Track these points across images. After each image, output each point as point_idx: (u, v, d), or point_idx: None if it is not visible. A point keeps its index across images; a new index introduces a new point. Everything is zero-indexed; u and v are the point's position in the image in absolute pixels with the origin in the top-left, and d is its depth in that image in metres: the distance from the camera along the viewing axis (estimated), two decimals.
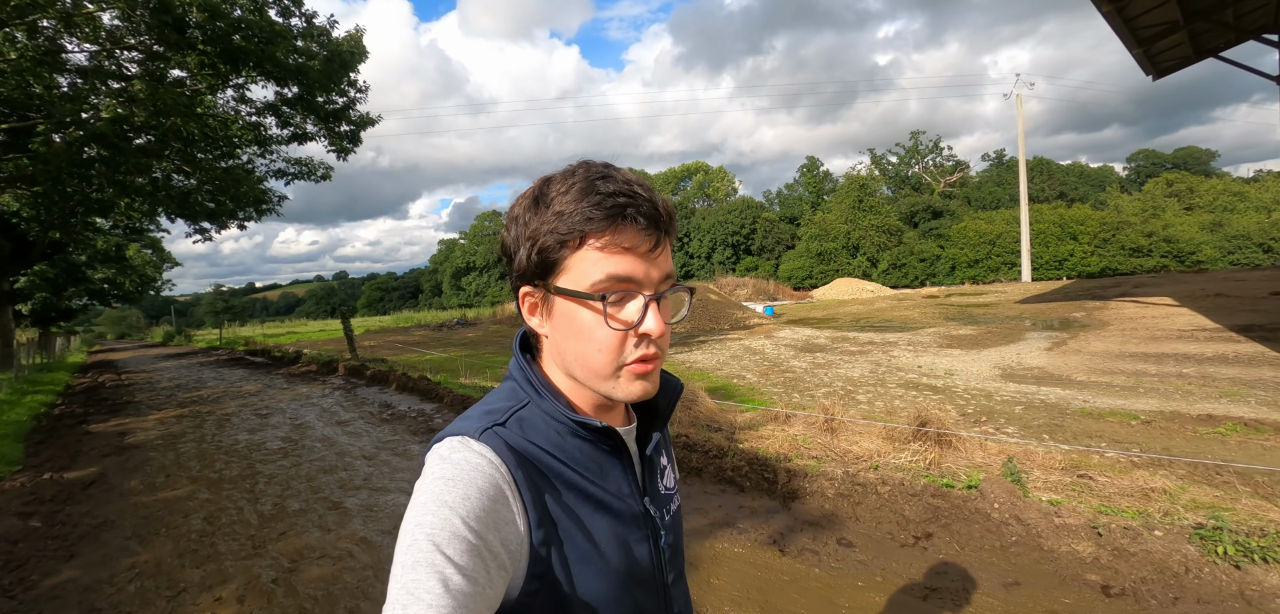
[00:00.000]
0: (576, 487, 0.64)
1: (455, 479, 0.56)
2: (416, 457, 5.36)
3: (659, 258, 0.63)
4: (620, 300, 0.62)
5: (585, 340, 0.63)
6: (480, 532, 0.54)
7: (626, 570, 0.66)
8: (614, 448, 0.68)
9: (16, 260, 16.60)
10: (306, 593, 3.04)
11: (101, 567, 3.50)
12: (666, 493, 0.77)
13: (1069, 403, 6.61)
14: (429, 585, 0.50)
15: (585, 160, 0.66)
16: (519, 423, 0.64)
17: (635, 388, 0.64)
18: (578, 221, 0.60)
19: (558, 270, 0.62)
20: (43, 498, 4.74)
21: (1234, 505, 3.47)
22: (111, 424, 7.99)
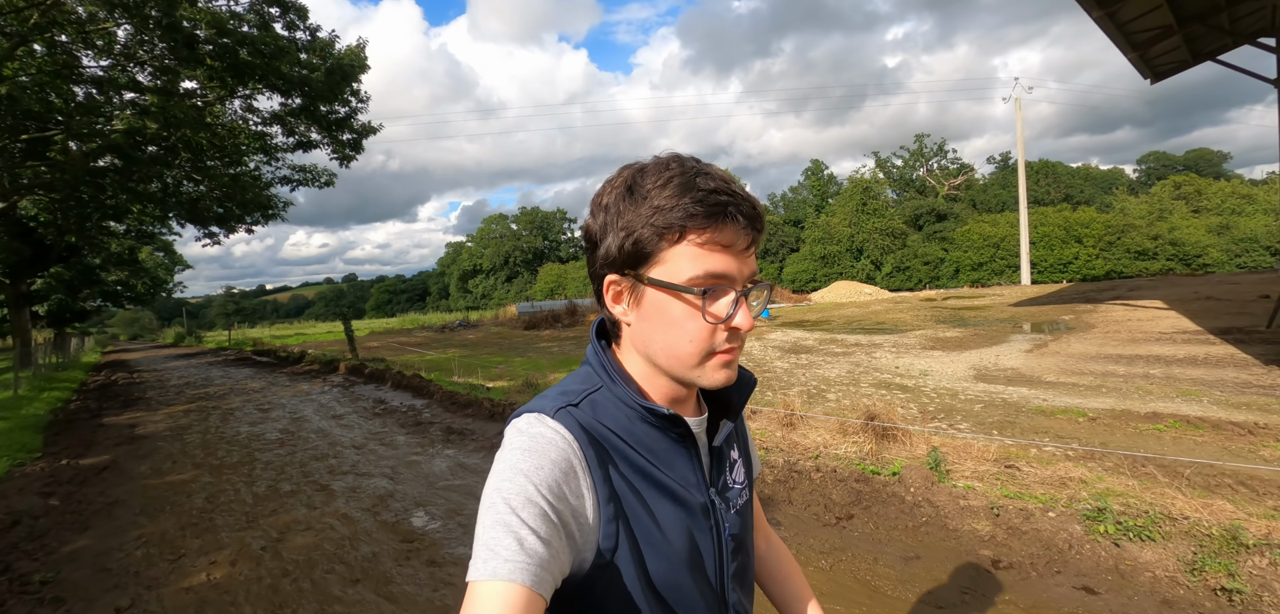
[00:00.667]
0: (643, 471, 0.66)
1: (530, 450, 0.59)
2: (402, 447, 5.80)
3: (750, 256, 0.65)
4: (714, 295, 0.64)
5: (676, 331, 0.65)
6: (552, 501, 0.57)
7: (688, 558, 0.68)
8: (682, 437, 0.70)
9: (34, 263, 17.32)
10: (290, 558, 3.47)
11: (112, 537, 3.95)
12: (735, 487, 0.79)
13: (1028, 401, 6.93)
14: (507, 543, 0.53)
15: (677, 155, 0.67)
16: (592, 405, 0.66)
17: (720, 376, 0.67)
18: (679, 217, 0.61)
19: (652, 261, 0.64)
20: (61, 480, 5.22)
21: (1143, 493, 3.81)
22: (123, 417, 8.52)
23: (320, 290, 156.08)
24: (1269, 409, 5.97)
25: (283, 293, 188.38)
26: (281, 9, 11.62)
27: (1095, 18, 12.00)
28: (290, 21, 11.85)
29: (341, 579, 3.18)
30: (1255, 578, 2.78)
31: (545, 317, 21.46)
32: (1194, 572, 2.87)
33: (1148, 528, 3.16)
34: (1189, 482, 4.21)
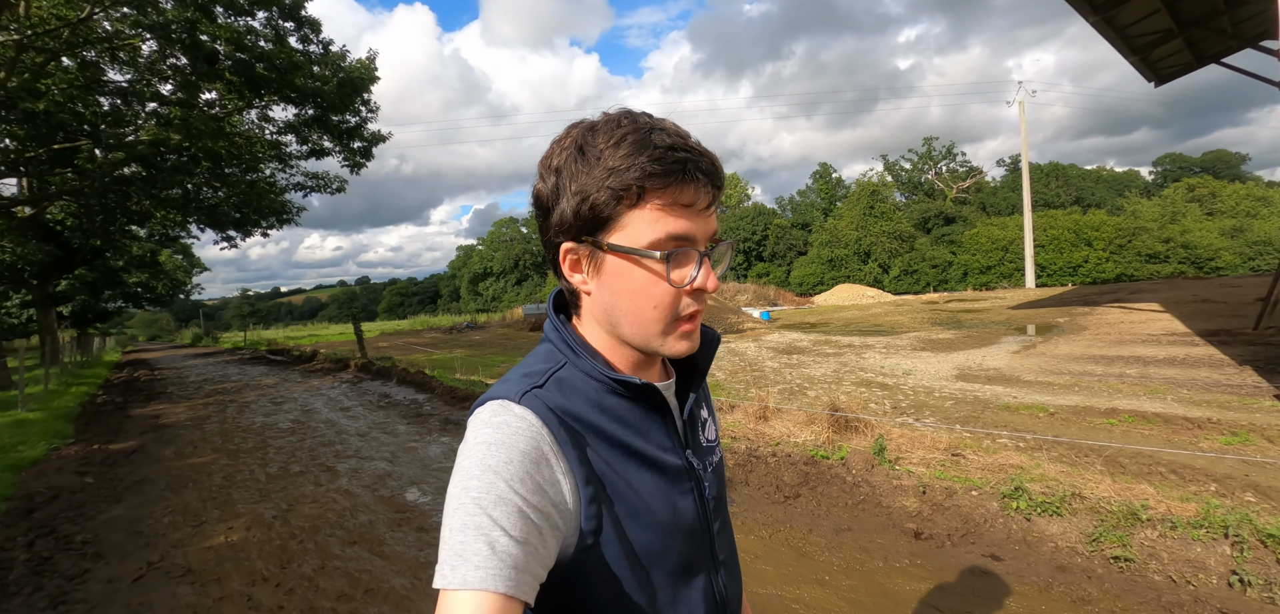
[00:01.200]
0: (619, 443, 0.64)
1: (497, 443, 0.56)
2: (402, 435, 6.30)
3: (711, 214, 0.63)
4: (678, 259, 0.61)
5: (640, 298, 0.62)
6: (525, 494, 0.54)
7: (673, 522, 0.66)
8: (654, 405, 0.68)
9: (60, 265, 18.15)
10: (296, 525, 3.95)
11: (142, 508, 4.47)
12: (708, 445, 0.78)
13: (998, 398, 7.26)
14: (476, 547, 0.50)
15: (629, 110, 0.64)
16: (558, 384, 0.63)
17: (681, 345, 0.65)
18: (636, 176, 0.58)
19: (610, 226, 0.61)
20: (94, 462, 5.78)
21: (1068, 476, 4.19)
22: (147, 409, 9.12)
23: (333, 293, 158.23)
24: (1225, 406, 6.27)
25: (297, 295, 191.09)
26: (296, 23, 12.25)
27: (1092, 22, 12.18)
28: (304, 35, 12.48)
29: (341, 541, 3.65)
30: (1145, 548, 3.14)
31: None
32: (1092, 543, 3.24)
33: (1058, 506, 3.53)
34: (1124, 469, 4.56)
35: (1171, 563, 3.01)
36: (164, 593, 3.13)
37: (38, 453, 6.06)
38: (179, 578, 3.30)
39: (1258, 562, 2.87)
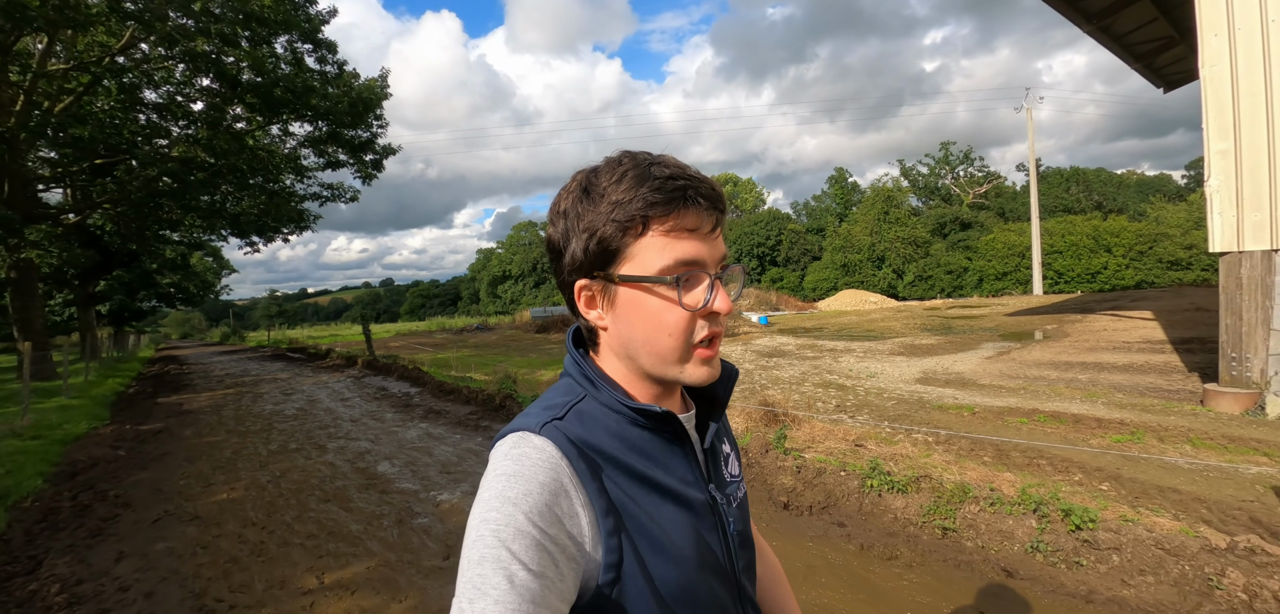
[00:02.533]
0: (641, 476, 0.64)
1: (517, 476, 0.56)
2: (388, 421, 7.20)
3: (717, 238, 0.65)
4: (689, 283, 0.63)
5: (654, 325, 0.63)
6: (544, 526, 0.54)
7: (698, 558, 0.65)
8: (675, 435, 0.68)
9: (100, 268, 19.75)
10: (285, 487, 4.85)
11: (163, 473, 5.43)
12: (732, 480, 0.78)
13: (940, 399, 7.86)
14: (495, 581, 0.51)
15: (628, 151, 0.66)
16: (578, 417, 0.64)
17: (702, 371, 0.65)
18: (639, 207, 0.61)
19: (620, 259, 0.63)
20: (126, 439, 6.81)
21: (953, 464, 4.85)
22: (174, 398, 10.25)
23: (358, 294, 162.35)
24: (1146, 409, 6.80)
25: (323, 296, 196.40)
26: (314, 45, 13.44)
27: (1088, 31, 12.57)
28: (321, 55, 13.67)
29: (318, 498, 4.53)
30: (966, 520, 3.81)
31: (556, 321, 22.97)
32: (926, 515, 3.91)
33: (906, 485, 4.21)
34: (1007, 460, 5.20)
35: (985, 533, 3.67)
36: (176, 531, 4.04)
37: (80, 430, 7.13)
38: (188, 521, 4.21)
39: (1053, 533, 3.51)
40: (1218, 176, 6.64)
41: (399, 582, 3.21)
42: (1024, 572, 3.21)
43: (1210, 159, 6.71)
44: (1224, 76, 6.56)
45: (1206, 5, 6.67)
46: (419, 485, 4.76)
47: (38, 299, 13.24)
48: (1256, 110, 6.35)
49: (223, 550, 3.69)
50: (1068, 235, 35.05)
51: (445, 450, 5.75)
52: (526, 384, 8.65)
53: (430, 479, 4.91)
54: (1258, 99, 6.33)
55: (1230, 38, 6.49)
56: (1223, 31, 6.54)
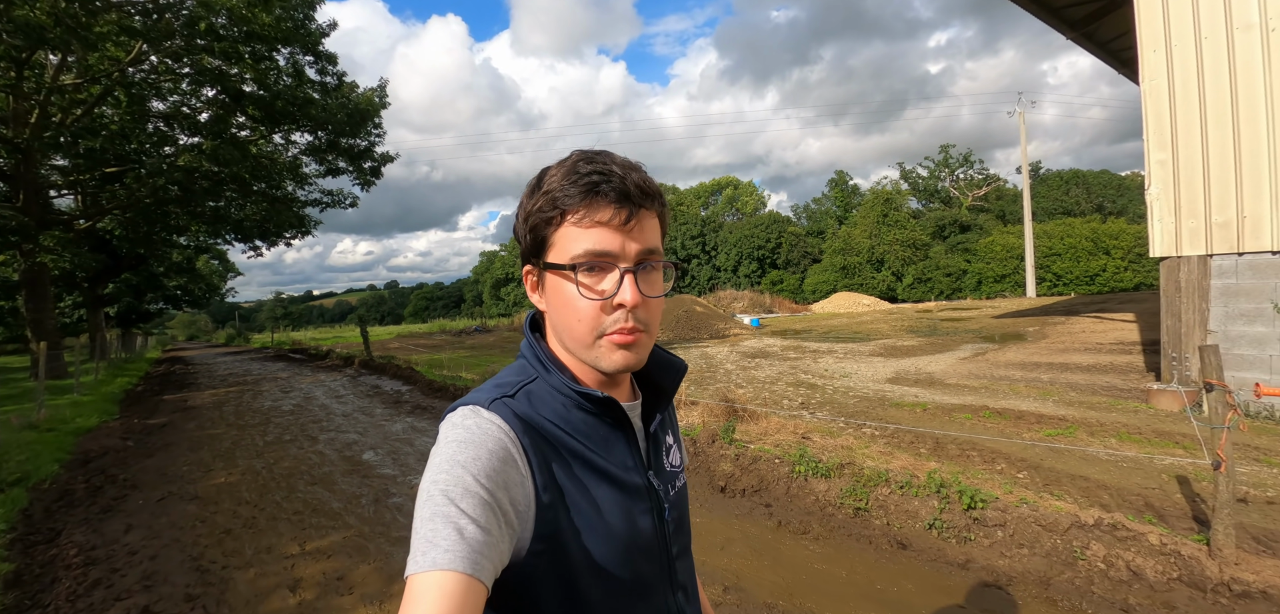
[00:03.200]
0: (581, 456, 0.68)
1: (467, 442, 0.60)
2: (377, 416, 7.71)
3: (634, 232, 0.67)
4: (595, 271, 0.67)
5: (567, 310, 0.68)
6: (490, 489, 0.58)
7: (629, 539, 0.70)
8: (617, 421, 0.73)
9: (109, 271, 20.43)
10: (277, 472, 5.36)
11: (168, 461, 5.95)
12: (671, 470, 0.82)
13: (901, 397, 8.30)
14: (445, 533, 0.54)
15: (579, 148, 0.71)
16: (527, 396, 0.69)
17: (617, 357, 0.68)
18: (558, 199, 0.66)
19: (547, 247, 0.69)
20: (134, 431, 7.35)
21: (886, 455, 5.29)
22: (179, 395, 10.82)
23: (363, 296, 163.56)
24: (1090, 406, 7.22)
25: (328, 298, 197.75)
26: (315, 57, 14.03)
27: (1072, 38, 12.94)
28: (321, 67, 14.26)
29: (305, 482, 5.04)
30: (878, 501, 4.24)
31: None
32: (844, 497, 4.36)
33: (830, 471, 4.65)
34: (941, 450, 5.64)
35: (893, 512, 4.11)
36: (178, 509, 4.55)
37: (91, 423, 7.68)
38: (189, 500, 4.72)
39: (951, 513, 3.93)
40: (1157, 185, 7.05)
41: (369, 549, 3.70)
42: (917, 544, 3.66)
43: (1150, 168, 7.12)
44: (1162, 90, 6.98)
45: (1145, 22, 7.10)
46: (398, 471, 5.26)
47: (50, 301, 13.87)
48: (1191, 123, 6.77)
49: (218, 524, 4.20)
50: (1067, 237, 35.26)
51: (426, 442, 6.25)
52: None
53: (408, 466, 5.41)
54: (1193, 112, 6.75)
55: (1168, 53, 6.91)
56: (1160, 47, 6.97)
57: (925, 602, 2.99)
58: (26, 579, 3.43)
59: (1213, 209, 6.65)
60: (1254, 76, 6.33)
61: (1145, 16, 7.08)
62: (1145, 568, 3.17)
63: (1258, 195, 6.35)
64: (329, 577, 3.34)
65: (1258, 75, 6.30)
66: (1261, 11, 6.27)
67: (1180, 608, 2.89)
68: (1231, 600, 2.90)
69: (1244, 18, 6.39)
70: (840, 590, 3.12)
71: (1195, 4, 6.69)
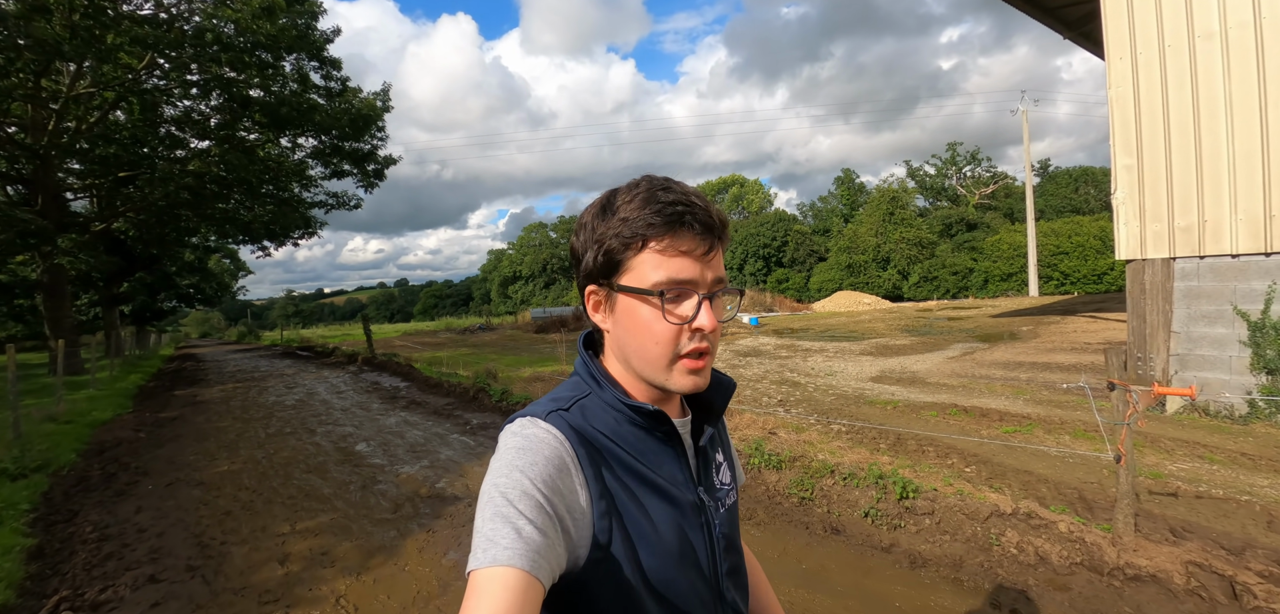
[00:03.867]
0: (633, 469, 0.71)
1: (525, 449, 0.64)
2: (374, 411, 8.14)
3: (712, 261, 0.71)
4: (677, 298, 0.70)
5: (644, 334, 0.70)
6: (547, 494, 0.61)
7: (681, 553, 0.72)
8: (668, 436, 0.75)
9: (123, 271, 21.13)
10: (276, 461, 5.79)
11: (177, 451, 6.41)
12: (722, 487, 0.84)
13: (878, 395, 8.60)
14: (505, 533, 0.57)
15: (649, 175, 0.74)
16: (582, 410, 0.72)
17: (688, 381, 0.71)
18: (640, 227, 0.69)
19: (621, 270, 0.71)
20: (146, 424, 7.84)
21: (845, 449, 5.62)
22: (189, 390, 11.35)
23: (373, 294, 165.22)
24: (1058, 405, 7.50)
25: (339, 296, 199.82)
26: (320, 63, 14.53)
27: (1070, 38, 13.11)
28: (326, 72, 14.76)
29: (301, 470, 5.46)
30: (822, 491, 4.54)
31: (554, 321, 23.92)
32: (792, 487, 4.68)
33: (781, 463, 4.97)
34: (900, 445, 5.94)
35: (835, 501, 4.42)
36: (184, 493, 4.99)
37: (106, 416, 8.19)
38: (194, 486, 5.16)
39: (886, 502, 4.23)
40: (1123, 189, 7.30)
41: (352, 529, 4.10)
42: (850, 530, 3.99)
43: (1116, 173, 7.37)
44: (1128, 97, 7.22)
45: (1112, 31, 7.34)
46: (387, 461, 5.67)
47: (68, 301, 14.50)
48: (1156, 129, 7.01)
49: (220, 507, 4.63)
50: (1074, 236, 35.16)
51: (416, 434, 6.67)
52: (505, 380, 9.55)
53: (397, 456, 5.82)
54: (1157, 119, 7.00)
55: (1133, 61, 7.16)
56: (1126, 56, 7.21)
57: (843, 579, 3.34)
58: (48, 552, 3.87)
59: (1176, 213, 6.89)
60: (1214, 84, 6.56)
61: (1112, 25, 7.33)
62: (1051, 553, 3.48)
63: (1218, 200, 6.59)
64: (314, 552, 3.75)
65: (1218, 83, 6.54)
66: (1222, 20, 6.51)
67: (1075, 589, 3.20)
68: (1123, 583, 3.22)
69: (1205, 26, 6.62)
70: (770, 568, 3.46)
71: (1159, 13, 6.93)
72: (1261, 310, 6.41)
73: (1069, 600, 3.04)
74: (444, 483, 4.97)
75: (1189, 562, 3.22)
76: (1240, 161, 6.41)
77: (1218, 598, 3.01)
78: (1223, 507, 4.20)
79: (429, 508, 4.44)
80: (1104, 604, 3.03)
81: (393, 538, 3.94)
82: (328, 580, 3.38)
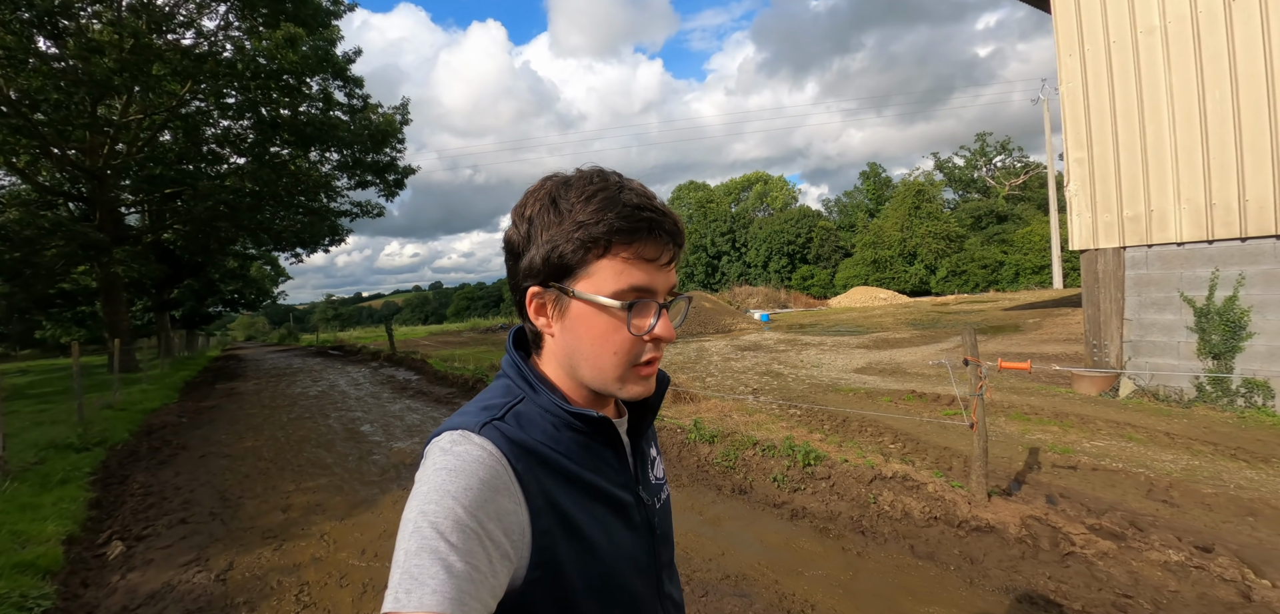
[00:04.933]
0: (573, 477, 0.68)
1: (457, 471, 0.58)
2: (383, 399, 9.12)
3: (671, 269, 0.69)
4: (639, 309, 0.67)
5: (601, 344, 0.67)
6: (482, 520, 0.57)
7: (623, 557, 0.71)
8: (608, 439, 0.73)
9: (172, 279, 23.01)
10: (292, 438, 6.77)
11: (212, 432, 7.47)
12: (657, 482, 0.83)
13: (850, 384, 9.11)
14: (432, 571, 0.52)
15: (600, 169, 0.70)
16: (516, 418, 0.67)
17: (638, 388, 0.70)
18: (603, 231, 0.64)
19: (577, 275, 0.66)
20: (188, 411, 9.00)
21: (786, 428, 6.25)
22: (227, 385, 12.64)
23: (408, 297, 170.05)
24: (1016, 391, 7.92)
25: (376, 300, 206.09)
26: (344, 81, 15.78)
27: None
28: (350, 90, 16.01)
29: (313, 446, 6.41)
30: (744, 461, 5.10)
31: None
32: (721, 458, 5.30)
33: (712, 438, 5.59)
34: (846, 427, 6.50)
35: (754, 470, 5.02)
36: (214, 463, 5.98)
37: (155, 405, 9.40)
38: (222, 457, 6.15)
39: (794, 470, 4.79)
40: (1076, 182, 7.68)
41: (344, 488, 4.98)
42: (756, 492, 4.63)
43: (1069, 167, 7.75)
44: (1078, 94, 7.60)
45: (1062, 30, 7.72)
46: (384, 437, 6.58)
47: (124, 305, 16.11)
48: (1104, 123, 7.38)
49: (241, 472, 5.58)
50: None
51: (415, 418, 7.58)
52: None
53: (394, 434, 6.72)
54: (1105, 113, 7.37)
55: (1082, 57, 7.53)
56: (1076, 53, 7.59)
57: (733, 527, 4.01)
58: (104, 503, 4.86)
59: (1124, 204, 7.25)
60: (1157, 78, 6.91)
61: (1061, 23, 7.70)
62: (914, 509, 4.08)
63: (1162, 190, 6.94)
64: (311, 504, 4.62)
65: (1160, 76, 6.89)
66: (1161, 15, 6.85)
67: (927, 537, 3.79)
68: (967, 532, 3.80)
69: (1146, 22, 6.98)
70: (677, 521, 4.15)
71: (1104, 9, 7.29)
72: (1206, 297, 6.72)
73: (915, 544, 3.65)
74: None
75: (1028, 517, 3.78)
76: (1182, 152, 6.75)
77: (1042, 545, 3.57)
78: (1113, 478, 4.68)
79: (409, 472, 5.28)
80: (944, 548, 3.63)
81: (375, 494, 4.79)
82: (317, 524, 4.23)
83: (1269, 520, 3.70)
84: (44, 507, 4.44)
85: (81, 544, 3.99)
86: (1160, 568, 3.16)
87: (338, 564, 3.55)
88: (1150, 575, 3.12)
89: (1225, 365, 6.64)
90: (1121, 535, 3.47)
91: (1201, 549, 3.26)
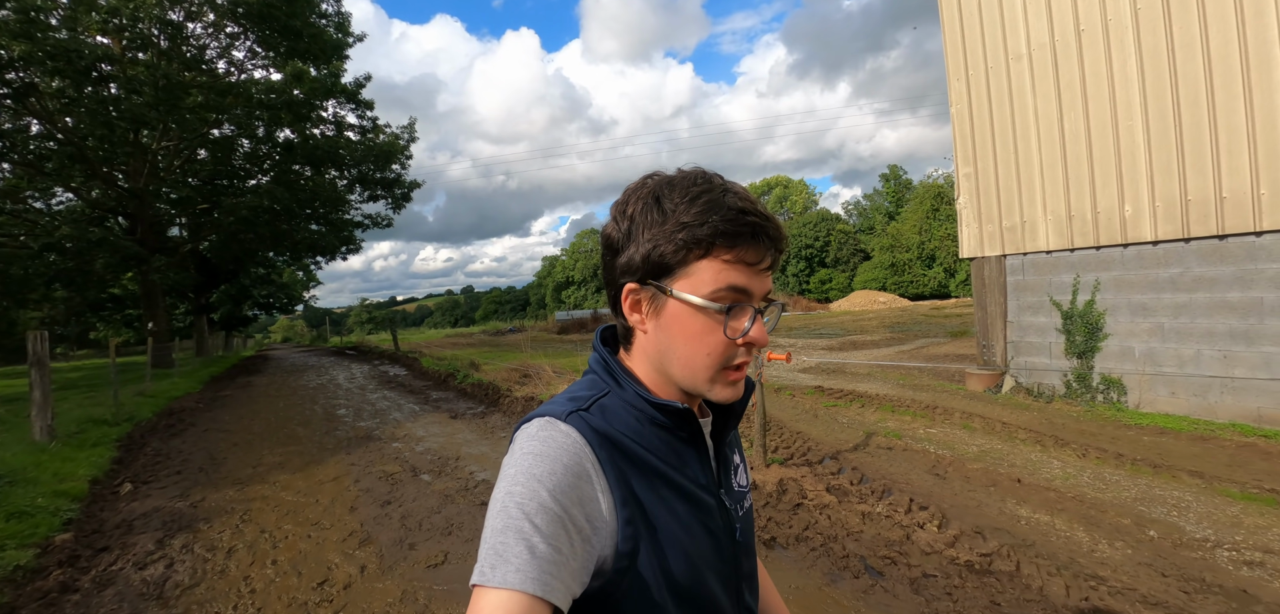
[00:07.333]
0: (657, 471, 0.69)
1: (542, 455, 0.61)
2: (367, 390, 10.65)
3: (769, 274, 0.69)
4: (736, 312, 0.67)
5: (695, 344, 0.68)
6: (565, 505, 0.58)
7: (704, 558, 0.71)
8: (691, 436, 0.73)
9: (209, 284, 25.46)
10: (281, 418, 8.32)
11: (220, 414, 9.11)
12: (740, 489, 0.83)
13: (784, 382, 10.18)
14: (517, 550, 0.55)
15: (703, 171, 0.71)
16: (601, 410, 0.68)
17: (727, 392, 0.70)
18: (707, 232, 0.65)
19: (676, 274, 0.67)
20: (206, 397, 10.75)
21: None
22: (245, 379, 14.51)
23: (440, 301, 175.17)
24: (919, 389, 8.88)
25: (410, 303, 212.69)
26: (356, 105, 17.64)
27: None
28: (361, 112, 17.88)
29: (293, 423, 7.93)
30: None
31: (574, 324, 26.35)
32: None
33: None
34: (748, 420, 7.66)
35: None
36: (214, 436, 7.55)
37: (179, 393, 11.20)
38: (222, 432, 7.72)
39: None
40: (965, 195, 8.62)
41: (305, 453, 6.42)
42: None
43: (959, 181, 8.69)
44: (965, 113, 8.55)
45: (951, 54, 8.68)
46: (351, 416, 8.06)
47: (163, 308, 18.32)
48: (986, 140, 8.33)
49: (233, 441, 7.11)
50: None
51: (384, 404, 9.06)
52: (486, 370, 11.90)
53: (362, 414, 8.19)
54: (986, 131, 8.31)
55: (967, 82, 8.49)
56: (962, 77, 8.54)
57: None
58: (124, 461, 6.43)
59: (1003, 215, 8.17)
60: (1025, 99, 7.84)
61: (950, 47, 8.66)
62: None
63: (1032, 202, 7.86)
64: (275, 463, 6.08)
65: (1028, 98, 7.81)
66: (1027, 43, 7.77)
67: None
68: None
69: (1016, 48, 7.91)
70: None
71: (983, 35, 8.22)
72: (1070, 300, 7.58)
73: None
74: (378, 431, 7.26)
75: (784, 477, 4.87)
76: (1046, 168, 7.66)
77: (784, 501, 4.50)
78: (914, 457, 5.54)
79: (360, 444, 6.71)
80: None
81: (326, 458, 6.21)
82: (275, 476, 5.66)
83: (1003, 489, 4.53)
84: (79, 460, 6.02)
85: (102, 484, 5.53)
86: (858, 515, 4.21)
87: (278, 500, 4.96)
88: (846, 519, 4.17)
89: (1087, 364, 7.47)
90: (847, 493, 4.54)
91: (882, 495, 4.33)
